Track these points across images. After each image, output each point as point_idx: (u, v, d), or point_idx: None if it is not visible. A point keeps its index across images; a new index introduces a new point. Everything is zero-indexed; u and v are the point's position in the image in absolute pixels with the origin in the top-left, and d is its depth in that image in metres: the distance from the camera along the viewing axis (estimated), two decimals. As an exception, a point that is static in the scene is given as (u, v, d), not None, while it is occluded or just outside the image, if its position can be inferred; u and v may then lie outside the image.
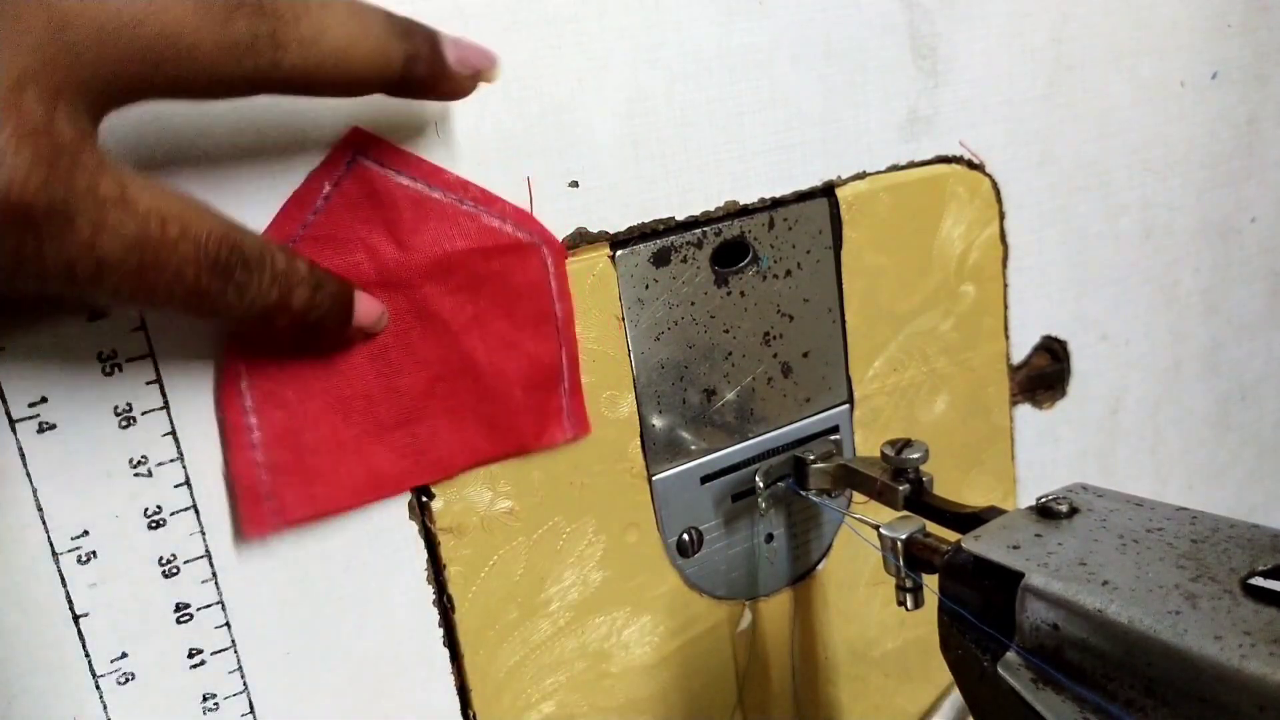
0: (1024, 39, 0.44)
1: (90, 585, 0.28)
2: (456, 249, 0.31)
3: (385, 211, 0.30)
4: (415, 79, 0.27)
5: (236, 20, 0.23)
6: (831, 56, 0.38)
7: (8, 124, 0.20)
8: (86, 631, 0.29)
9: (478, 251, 0.32)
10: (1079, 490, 0.30)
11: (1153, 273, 0.51)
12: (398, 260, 0.30)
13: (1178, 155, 0.50)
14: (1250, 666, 0.21)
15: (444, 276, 0.31)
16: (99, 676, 0.29)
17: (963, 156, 0.43)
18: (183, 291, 0.23)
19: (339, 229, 0.30)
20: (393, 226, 0.30)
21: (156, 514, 0.29)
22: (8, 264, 0.21)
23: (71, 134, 0.21)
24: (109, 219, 0.21)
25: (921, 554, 0.33)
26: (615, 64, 0.34)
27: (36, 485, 0.27)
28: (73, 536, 0.28)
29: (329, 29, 0.25)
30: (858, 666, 0.45)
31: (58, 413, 0.27)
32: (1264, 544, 0.26)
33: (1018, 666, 0.26)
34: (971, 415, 0.46)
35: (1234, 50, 0.51)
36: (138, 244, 0.22)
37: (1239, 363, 0.57)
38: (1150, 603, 0.24)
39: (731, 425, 0.39)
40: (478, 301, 0.32)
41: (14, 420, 0.27)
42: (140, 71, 0.22)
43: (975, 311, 0.45)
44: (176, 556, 0.29)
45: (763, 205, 0.38)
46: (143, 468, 0.29)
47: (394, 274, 0.30)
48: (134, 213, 0.22)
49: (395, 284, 0.31)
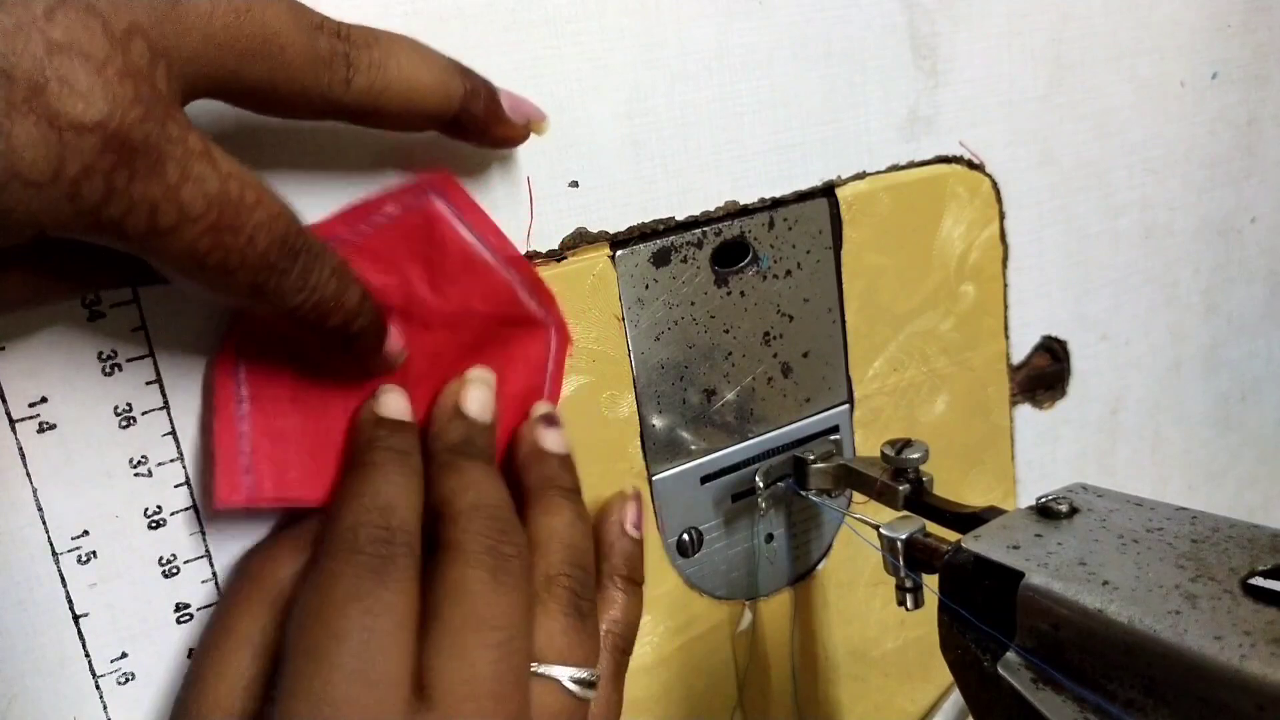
0: (1024, 39, 0.44)
1: (90, 585, 0.28)
2: (481, 309, 0.31)
3: (434, 252, 0.30)
4: (472, 117, 0.28)
5: (321, 34, 0.24)
6: (831, 56, 0.39)
7: (116, 59, 0.20)
8: (86, 631, 0.29)
9: (496, 316, 0.32)
10: (1079, 490, 0.30)
11: (1153, 273, 0.51)
12: (425, 300, 0.30)
13: (1178, 155, 0.50)
14: (1250, 666, 0.21)
15: (458, 328, 0.31)
16: (99, 676, 0.29)
17: (963, 156, 0.43)
18: (252, 261, 0.23)
19: (385, 250, 0.30)
20: (434, 268, 0.30)
21: (156, 514, 0.29)
22: (98, 194, 0.21)
23: (166, 90, 0.22)
24: (194, 170, 0.22)
25: (921, 554, 0.33)
26: (615, 64, 0.34)
27: (36, 485, 0.27)
28: (73, 536, 0.28)
29: (397, 58, 0.26)
30: (858, 666, 0.45)
31: (58, 413, 0.27)
32: (1264, 544, 0.26)
33: (1018, 666, 0.26)
34: (971, 415, 0.46)
35: (1234, 50, 0.51)
36: (218, 201, 0.22)
37: (1239, 363, 0.57)
38: (1150, 602, 0.24)
39: (731, 425, 0.39)
40: (477, 359, 0.32)
41: (14, 420, 0.27)
42: (232, 63, 0.23)
43: (975, 311, 0.45)
44: (176, 556, 0.29)
45: (763, 205, 0.38)
46: (143, 468, 0.29)
47: (416, 311, 0.30)
48: (217, 170, 0.22)
49: (412, 320, 0.30)
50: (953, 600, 0.28)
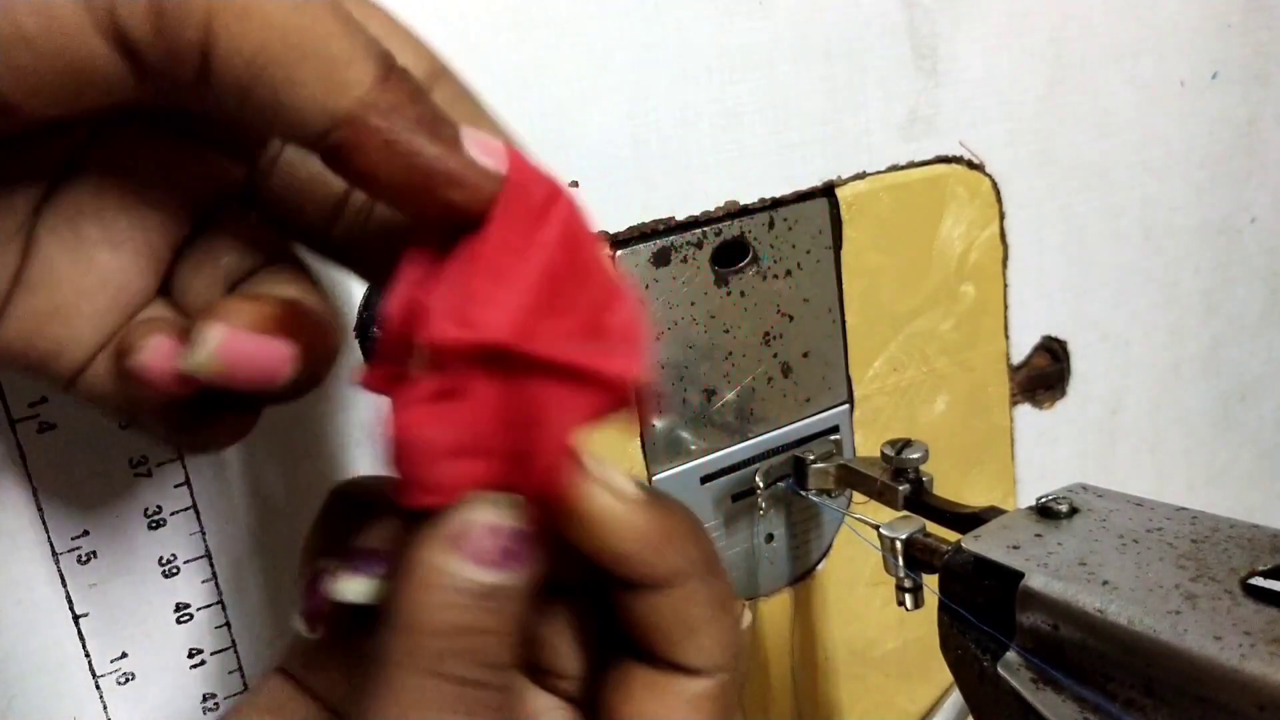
0: (1024, 39, 0.44)
1: (90, 585, 0.28)
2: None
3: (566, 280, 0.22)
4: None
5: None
6: (832, 56, 0.38)
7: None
8: (86, 631, 0.29)
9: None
10: (1079, 490, 0.30)
11: (1153, 273, 0.51)
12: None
13: (1178, 155, 0.50)
14: (1250, 666, 0.21)
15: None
16: (99, 676, 0.29)
17: (963, 156, 0.43)
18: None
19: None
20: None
21: (156, 514, 0.29)
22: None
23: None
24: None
25: (921, 554, 0.33)
26: (615, 64, 0.34)
27: (36, 485, 0.27)
28: (73, 537, 0.28)
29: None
30: (857, 666, 0.45)
31: (58, 413, 0.27)
32: (1264, 544, 0.26)
33: (1018, 666, 0.26)
34: (971, 415, 0.46)
35: (1234, 50, 0.51)
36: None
37: (1239, 363, 0.57)
38: (1150, 603, 0.24)
39: (731, 425, 0.39)
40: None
41: (14, 420, 0.27)
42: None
43: (975, 311, 0.45)
44: (176, 556, 0.29)
45: (763, 205, 0.38)
46: (143, 468, 0.29)
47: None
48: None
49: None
50: (953, 600, 0.28)
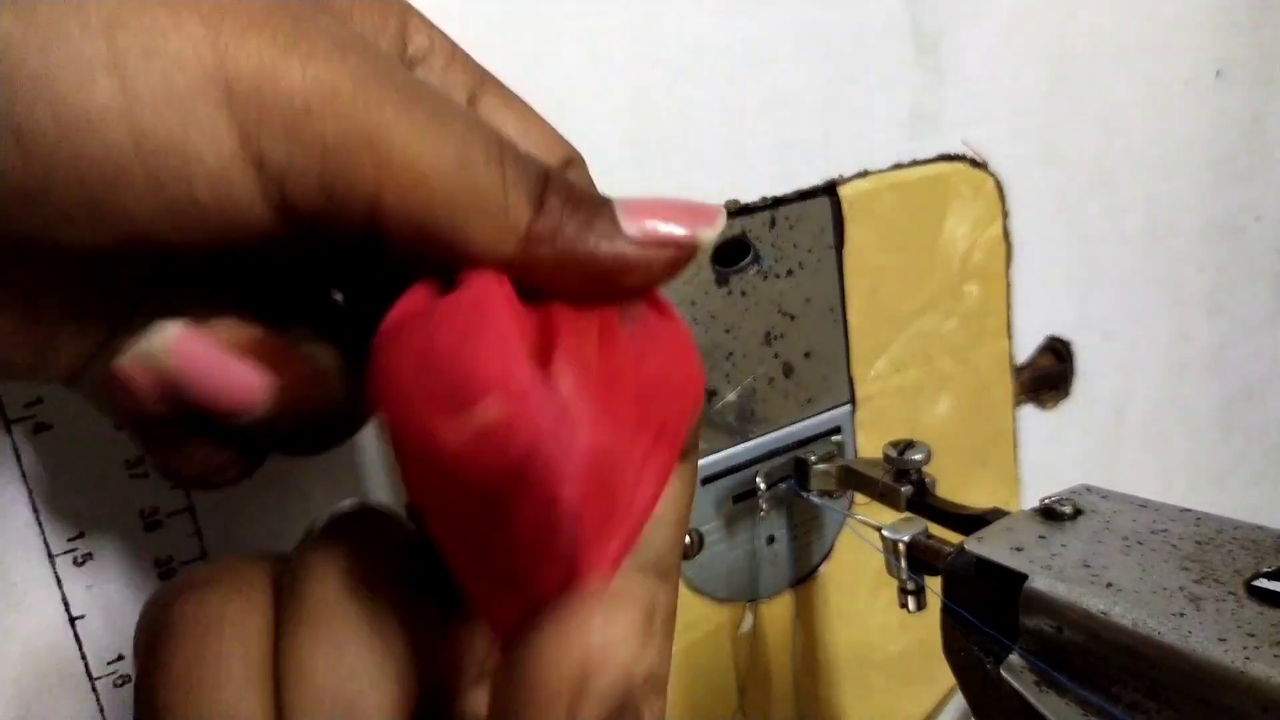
0: (1028, 36, 0.43)
1: (87, 587, 0.28)
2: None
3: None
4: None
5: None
6: (834, 53, 0.38)
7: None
8: (83, 633, 0.28)
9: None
10: (1083, 491, 0.30)
11: (1157, 272, 0.51)
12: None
13: (1182, 154, 0.50)
14: (1254, 669, 0.21)
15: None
16: (95, 679, 0.29)
17: (966, 155, 0.43)
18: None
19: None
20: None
21: (153, 515, 0.29)
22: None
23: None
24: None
25: (924, 556, 0.33)
26: (615, 61, 0.34)
27: (32, 486, 0.27)
28: (69, 538, 0.28)
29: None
30: (860, 669, 0.45)
31: (54, 413, 0.27)
32: (1269, 546, 0.26)
33: (1021, 669, 0.26)
34: (975, 416, 0.46)
35: (1239, 48, 0.51)
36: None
37: (1244, 363, 0.56)
38: (1154, 605, 0.24)
39: (732, 426, 0.39)
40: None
41: (10, 421, 0.27)
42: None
43: (979, 311, 0.45)
44: (174, 558, 0.29)
45: (764, 204, 0.38)
46: (139, 469, 0.28)
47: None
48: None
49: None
50: (955, 602, 0.28)
